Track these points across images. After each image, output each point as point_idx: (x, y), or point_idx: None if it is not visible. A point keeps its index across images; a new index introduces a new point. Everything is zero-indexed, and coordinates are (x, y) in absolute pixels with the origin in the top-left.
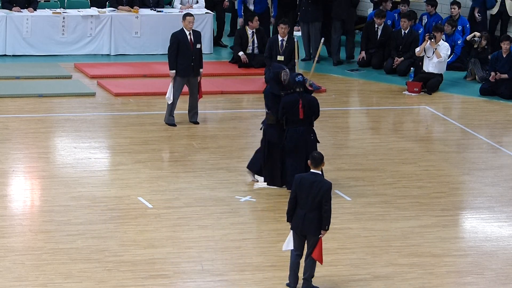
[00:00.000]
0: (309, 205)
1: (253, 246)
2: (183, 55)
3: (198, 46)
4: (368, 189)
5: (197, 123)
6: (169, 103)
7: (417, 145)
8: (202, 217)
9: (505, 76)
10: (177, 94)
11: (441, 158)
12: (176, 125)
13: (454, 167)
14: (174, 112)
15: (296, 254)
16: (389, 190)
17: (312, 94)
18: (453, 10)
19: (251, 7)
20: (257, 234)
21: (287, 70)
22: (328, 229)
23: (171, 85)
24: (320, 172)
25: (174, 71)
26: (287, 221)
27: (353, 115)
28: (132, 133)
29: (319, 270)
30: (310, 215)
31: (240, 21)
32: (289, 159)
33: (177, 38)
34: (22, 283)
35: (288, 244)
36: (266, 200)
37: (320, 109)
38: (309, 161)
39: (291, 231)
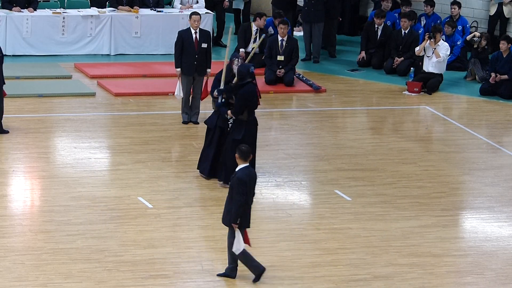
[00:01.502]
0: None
1: (253, 246)
2: (187, 54)
3: (204, 45)
4: (368, 189)
5: (197, 123)
6: (178, 99)
7: (417, 145)
8: (202, 217)
9: (505, 77)
10: (184, 91)
11: (441, 158)
12: (186, 123)
13: (454, 167)
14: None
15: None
16: (389, 190)
17: (313, 95)
18: (453, 10)
19: (272, 31)
20: (257, 234)
21: (240, 59)
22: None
23: (178, 82)
24: (249, 164)
25: (179, 69)
26: (235, 222)
27: (353, 115)
28: (132, 133)
29: (319, 270)
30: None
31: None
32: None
33: (181, 37)
34: (22, 283)
35: (240, 243)
36: (266, 200)
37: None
38: (236, 155)
39: (239, 230)
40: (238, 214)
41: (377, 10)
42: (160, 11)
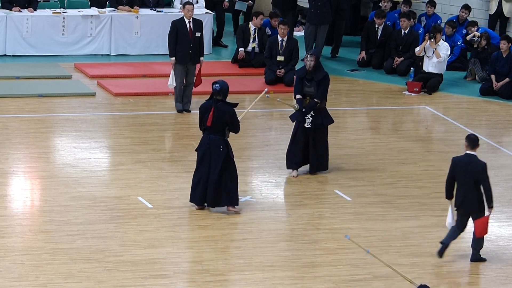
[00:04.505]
0: (467, 185)
1: (253, 246)
2: (182, 43)
3: (198, 34)
4: (368, 189)
5: (188, 111)
6: (171, 89)
7: (417, 145)
8: (202, 217)
9: (506, 80)
10: (178, 80)
11: (441, 158)
12: (182, 112)
13: None
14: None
15: (456, 229)
16: (389, 190)
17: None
18: (463, 14)
19: (269, 32)
20: (257, 234)
21: (309, 56)
22: (492, 207)
23: (172, 72)
24: (475, 154)
25: (173, 58)
26: (446, 198)
27: (353, 115)
28: (132, 133)
29: (319, 270)
30: (469, 195)
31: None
32: (196, 170)
33: (176, 26)
34: (22, 283)
35: (451, 220)
36: (266, 200)
37: (236, 124)
38: (465, 143)
39: (450, 207)
40: (445, 189)
41: (377, 10)
42: (160, 11)
